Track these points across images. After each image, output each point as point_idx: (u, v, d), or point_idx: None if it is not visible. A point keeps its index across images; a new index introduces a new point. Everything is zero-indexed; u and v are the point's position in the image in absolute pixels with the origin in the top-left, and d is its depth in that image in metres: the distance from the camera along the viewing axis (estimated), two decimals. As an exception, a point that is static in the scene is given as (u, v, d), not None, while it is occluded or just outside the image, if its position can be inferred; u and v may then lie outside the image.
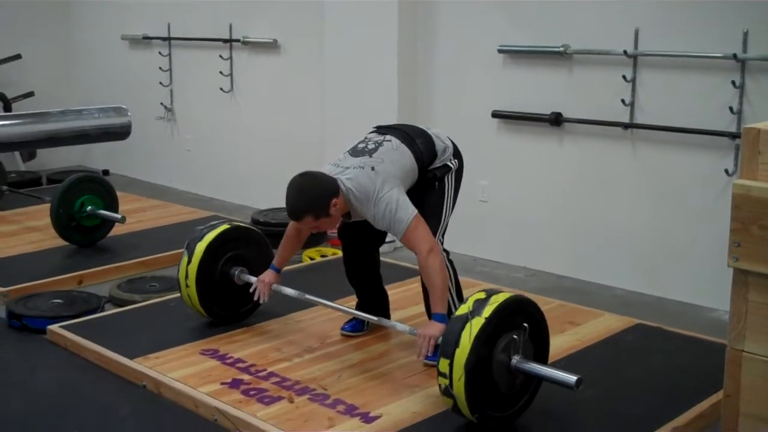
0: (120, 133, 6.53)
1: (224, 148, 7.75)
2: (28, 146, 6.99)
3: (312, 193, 3.50)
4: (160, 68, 8.17)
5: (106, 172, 8.52)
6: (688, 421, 3.32)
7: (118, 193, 6.20)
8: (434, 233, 3.64)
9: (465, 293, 4.56)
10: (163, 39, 8.12)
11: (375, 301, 4.12)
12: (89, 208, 5.62)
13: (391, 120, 5.84)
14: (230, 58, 7.50)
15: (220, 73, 7.52)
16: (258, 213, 6.07)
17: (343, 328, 4.10)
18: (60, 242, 5.66)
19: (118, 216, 5.68)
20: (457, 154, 3.90)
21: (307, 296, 3.96)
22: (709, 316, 4.70)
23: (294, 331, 4.18)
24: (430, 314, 3.69)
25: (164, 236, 5.99)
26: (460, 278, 5.06)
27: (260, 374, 3.69)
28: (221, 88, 7.58)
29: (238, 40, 7.37)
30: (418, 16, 6.01)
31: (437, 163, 3.80)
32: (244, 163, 7.53)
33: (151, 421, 3.48)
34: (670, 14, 4.95)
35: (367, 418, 3.32)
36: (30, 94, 8.47)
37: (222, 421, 3.36)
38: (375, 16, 6.02)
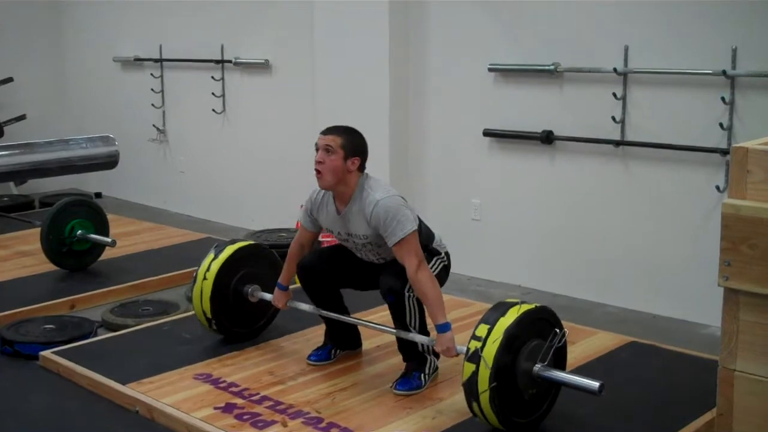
0: (107, 162, 6.58)
1: (217, 169, 7.75)
2: (14, 178, 7.00)
3: (357, 134, 3.70)
4: (152, 90, 8.18)
5: (98, 195, 8.50)
6: (684, 440, 3.31)
7: (112, 216, 6.20)
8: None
9: (460, 312, 4.60)
10: (155, 60, 8.13)
11: (345, 330, 4.10)
12: (79, 232, 5.60)
13: (383, 138, 5.89)
14: (222, 79, 7.52)
15: (213, 94, 7.53)
16: (251, 234, 6.05)
17: (309, 358, 4.06)
18: (52, 267, 5.64)
19: (109, 239, 5.67)
20: (447, 255, 3.91)
21: (322, 312, 4.00)
22: (703, 332, 4.70)
23: (287, 354, 4.16)
24: (406, 357, 3.80)
25: (157, 259, 5.98)
26: (456, 297, 5.09)
27: (253, 398, 3.67)
28: (213, 109, 7.59)
29: (230, 61, 7.38)
30: (409, 35, 6.03)
31: (435, 245, 3.84)
32: (237, 184, 7.53)
33: (144, 448, 3.47)
34: (658, 32, 4.97)
35: (360, 442, 3.30)
36: (22, 117, 8.47)
37: (215, 446, 3.34)
38: (366, 35, 6.04)
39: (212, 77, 7.52)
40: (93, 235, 5.66)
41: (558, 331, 3.32)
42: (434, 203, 6.03)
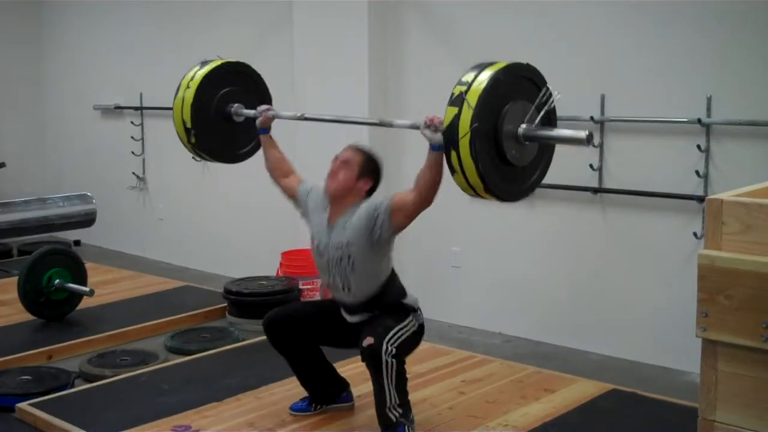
0: (84, 221, 6.62)
1: (197, 217, 7.73)
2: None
3: (377, 161, 3.78)
4: (132, 138, 8.18)
5: (77, 243, 8.46)
6: (665, 490, 3.30)
7: (90, 265, 6.15)
8: (390, 334, 3.48)
9: (441, 360, 4.58)
10: (136, 108, 8.15)
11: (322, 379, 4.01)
12: (57, 281, 5.55)
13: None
14: (202, 126, 7.53)
15: (193, 142, 7.54)
16: (231, 282, 6.01)
17: (292, 408, 4.01)
18: (29, 316, 5.57)
19: (87, 289, 5.62)
20: (421, 323, 3.72)
21: (307, 115, 3.92)
22: (684, 379, 4.70)
23: (267, 404, 4.12)
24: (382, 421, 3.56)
25: (135, 308, 5.93)
26: (437, 345, 5.06)
27: (233, 451, 3.64)
28: (194, 157, 7.57)
29: (210, 109, 7.40)
30: (390, 97, 6.08)
31: (409, 300, 3.73)
32: (216, 232, 7.51)
33: (120, 503, 3.42)
34: (634, 80, 5.04)
35: (341, 495, 3.27)
36: (2, 165, 8.43)
37: (193, 501, 3.30)
38: (346, 100, 6.08)
39: (192, 125, 7.53)
40: (71, 285, 5.61)
41: (546, 91, 3.24)
42: (414, 251, 6.04)
